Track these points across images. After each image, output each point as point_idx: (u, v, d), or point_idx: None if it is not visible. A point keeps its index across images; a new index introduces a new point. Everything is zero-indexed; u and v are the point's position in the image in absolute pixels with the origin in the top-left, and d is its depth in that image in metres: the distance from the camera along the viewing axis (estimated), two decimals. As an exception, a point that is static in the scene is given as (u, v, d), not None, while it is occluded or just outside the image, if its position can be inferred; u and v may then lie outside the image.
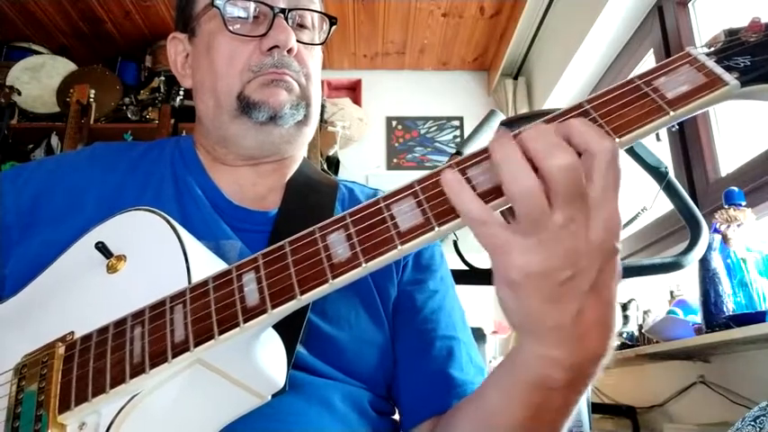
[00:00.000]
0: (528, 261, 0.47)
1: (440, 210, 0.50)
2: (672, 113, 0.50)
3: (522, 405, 0.56)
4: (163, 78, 3.24)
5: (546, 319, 0.49)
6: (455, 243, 1.42)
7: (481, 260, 1.29)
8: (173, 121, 2.99)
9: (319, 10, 0.87)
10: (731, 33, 0.54)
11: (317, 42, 0.88)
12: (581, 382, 0.54)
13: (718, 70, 0.51)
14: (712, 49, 0.54)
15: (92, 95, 2.98)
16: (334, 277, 0.50)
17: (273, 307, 0.51)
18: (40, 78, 3.18)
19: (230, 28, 0.80)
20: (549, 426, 0.58)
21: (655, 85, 0.52)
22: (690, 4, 2.23)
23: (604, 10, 2.45)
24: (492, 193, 0.49)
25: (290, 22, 0.81)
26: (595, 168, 0.47)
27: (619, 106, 0.51)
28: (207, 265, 0.61)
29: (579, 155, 0.48)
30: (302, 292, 0.51)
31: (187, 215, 0.78)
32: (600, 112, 0.51)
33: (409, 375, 0.79)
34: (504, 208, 0.50)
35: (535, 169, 0.47)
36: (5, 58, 3.32)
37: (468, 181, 0.50)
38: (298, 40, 0.82)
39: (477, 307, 1.95)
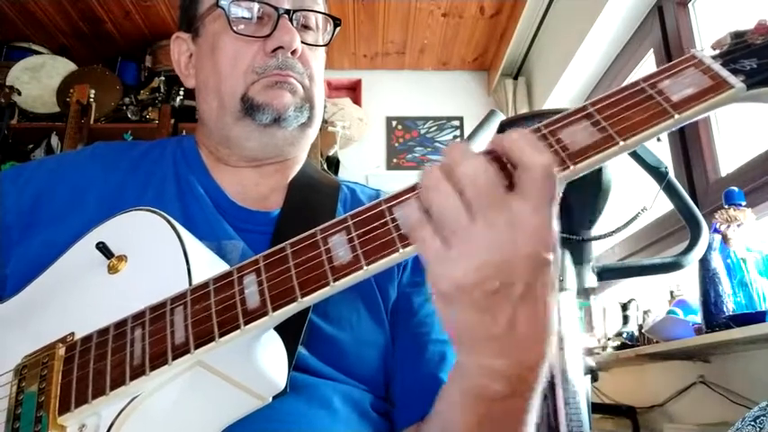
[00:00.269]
0: (454, 271, 0.47)
1: None
2: (677, 116, 0.50)
3: (468, 415, 0.56)
4: (163, 78, 3.23)
5: (477, 329, 0.50)
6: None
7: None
8: (173, 121, 2.99)
9: (323, 11, 0.87)
10: (737, 36, 0.54)
11: (322, 44, 0.87)
12: (523, 391, 0.53)
13: (724, 73, 0.51)
14: (718, 51, 0.54)
15: (92, 95, 2.98)
16: (335, 280, 0.50)
17: (274, 309, 0.51)
18: (40, 78, 3.18)
19: (235, 28, 0.80)
20: None
21: (659, 87, 0.51)
22: (690, 4, 2.22)
23: (604, 10, 2.45)
24: None
25: (294, 23, 0.81)
26: (529, 181, 0.47)
27: (623, 109, 0.51)
28: (208, 266, 0.61)
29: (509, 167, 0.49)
30: (303, 295, 0.51)
31: (189, 215, 0.78)
32: (604, 115, 0.51)
33: (402, 377, 0.79)
34: None
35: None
36: (5, 58, 3.32)
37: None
38: (302, 42, 0.81)
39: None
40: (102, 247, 0.63)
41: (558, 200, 0.48)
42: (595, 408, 2.06)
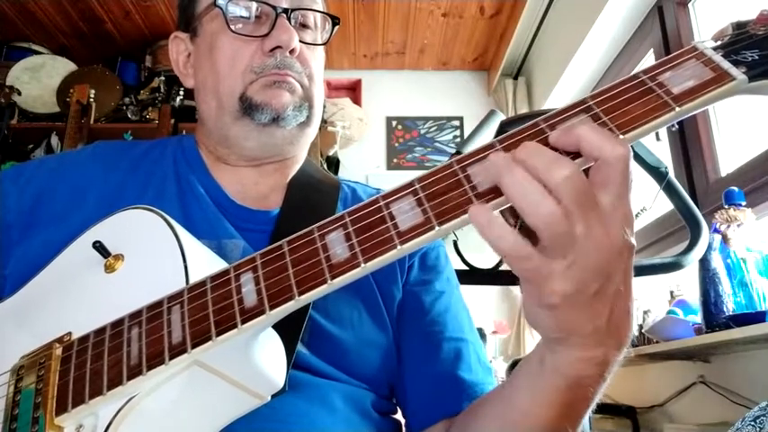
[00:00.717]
0: (563, 283, 0.47)
1: (441, 209, 0.49)
2: (678, 109, 0.49)
3: (553, 407, 0.57)
4: (163, 78, 3.23)
5: (584, 328, 0.50)
6: (455, 243, 1.42)
7: (481, 260, 1.29)
8: (173, 121, 2.99)
9: (322, 10, 0.87)
10: (739, 26, 0.53)
11: (320, 42, 0.87)
12: (608, 373, 0.55)
13: (726, 65, 0.50)
14: (719, 42, 0.53)
15: (92, 95, 2.98)
16: (332, 277, 0.50)
17: (271, 308, 0.51)
18: (40, 78, 3.18)
19: (232, 28, 0.80)
20: (578, 419, 0.59)
21: (660, 80, 0.51)
22: (690, 4, 2.22)
23: (604, 10, 2.44)
24: (492, 192, 0.48)
25: (292, 22, 0.81)
26: (611, 176, 0.47)
27: (623, 102, 0.50)
28: (205, 264, 0.60)
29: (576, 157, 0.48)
30: (300, 293, 0.50)
31: (189, 214, 0.78)
32: (603, 108, 0.50)
33: (417, 377, 0.79)
34: (505, 208, 0.49)
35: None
36: (5, 58, 3.31)
37: (469, 179, 0.49)
38: (300, 41, 0.81)
39: (477, 307, 1.94)
40: (99, 246, 0.62)
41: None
42: (595, 408, 2.05)
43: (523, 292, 0.51)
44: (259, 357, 0.56)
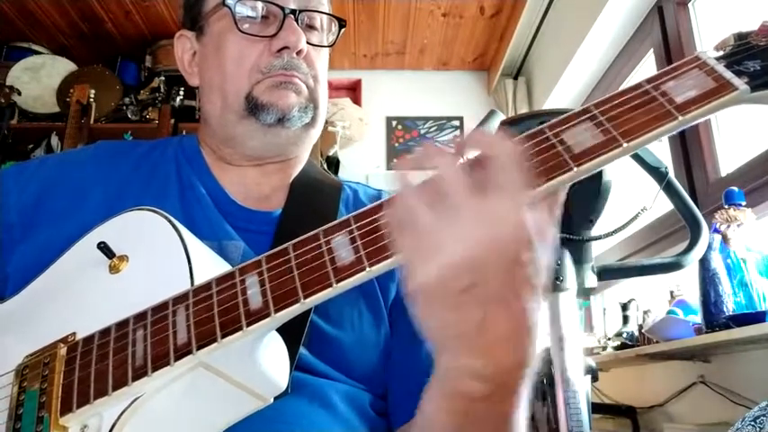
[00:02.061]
0: (422, 271, 0.46)
1: None
2: (680, 118, 0.49)
3: (446, 413, 0.55)
4: (163, 78, 3.23)
5: (448, 327, 0.49)
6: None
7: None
8: (173, 121, 2.98)
9: (329, 12, 0.87)
10: (741, 37, 0.54)
11: (326, 44, 0.87)
12: (505, 392, 0.52)
13: (728, 75, 0.50)
14: (722, 52, 0.53)
15: (92, 95, 2.98)
16: (337, 281, 0.50)
17: (277, 310, 0.51)
18: (40, 78, 3.18)
19: (240, 27, 0.80)
20: None
21: (663, 89, 0.51)
22: (690, 4, 2.23)
23: (604, 10, 2.44)
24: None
25: (299, 23, 0.81)
26: (497, 171, 0.47)
27: (627, 110, 0.50)
28: (210, 266, 0.61)
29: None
30: (306, 296, 0.51)
31: (190, 215, 0.78)
32: (607, 116, 0.51)
33: (397, 376, 0.79)
34: None
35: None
36: (5, 58, 3.31)
37: None
38: (307, 42, 0.81)
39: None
40: (104, 247, 0.63)
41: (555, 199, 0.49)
42: (595, 408, 2.06)
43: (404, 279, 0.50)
44: (263, 359, 0.56)
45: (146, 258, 0.63)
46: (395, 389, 0.78)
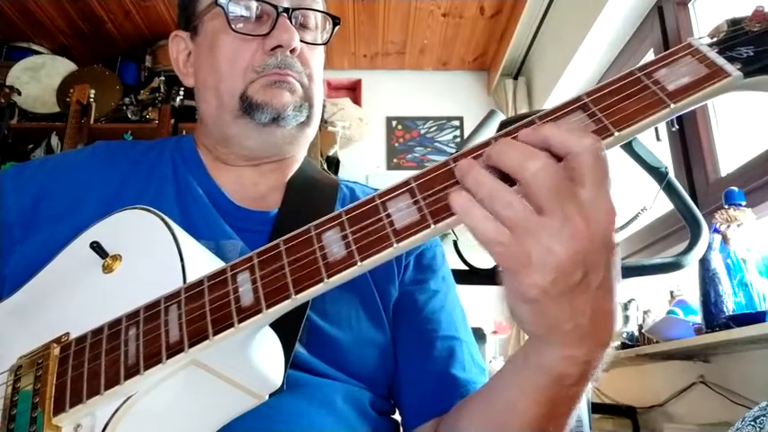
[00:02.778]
0: (543, 276, 0.46)
1: (436, 207, 0.49)
2: (672, 106, 0.49)
3: (537, 403, 0.56)
4: (163, 78, 3.23)
5: (565, 324, 0.49)
6: (455, 243, 1.42)
7: (481, 260, 1.29)
8: (173, 121, 2.99)
9: (322, 10, 0.87)
10: (734, 23, 0.53)
11: (320, 42, 0.87)
12: (592, 373, 0.54)
13: (721, 61, 0.50)
14: (714, 39, 0.53)
15: (92, 95, 2.98)
16: (329, 276, 0.50)
17: (268, 306, 0.51)
18: (40, 78, 3.18)
19: (233, 27, 0.80)
20: (562, 419, 0.58)
21: (655, 77, 0.51)
22: (690, 4, 2.22)
23: (604, 10, 2.44)
24: None
25: (293, 21, 0.81)
26: (581, 167, 0.47)
27: (618, 99, 0.50)
28: (203, 264, 0.60)
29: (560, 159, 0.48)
30: (297, 292, 0.50)
31: (188, 215, 0.78)
32: (599, 106, 0.50)
33: (411, 376, 0.79)
34: None
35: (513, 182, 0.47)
36: (5, 58, 3.32)
37: None
38: (301, 40, 0.81)
39: (477, 307, 1.94)
40: (97, 247, 0.62)
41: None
42: (595, 408, 2.06)
43: (505, 285, 0.50)
44: (256, 356, 0.56)
45: (139, 257, 0.62)
46: (410, 388, 0.79)
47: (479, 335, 2.15)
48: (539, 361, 0.55)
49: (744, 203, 1.57)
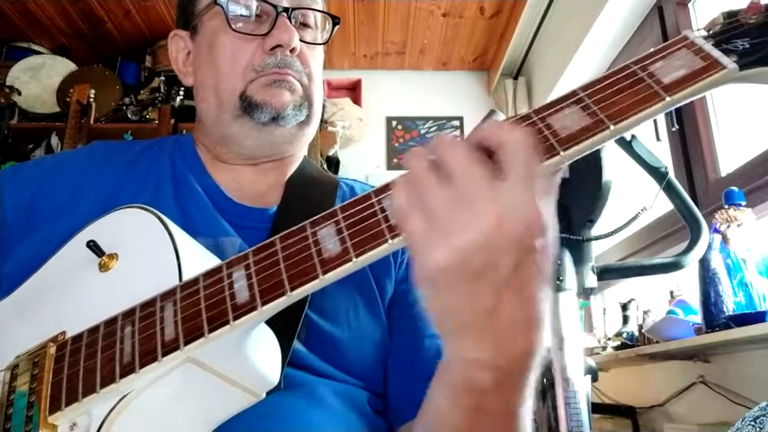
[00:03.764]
0: (436, 253, 0.46)
1: None
2: (668, 99, 0.49)
3: (457, 408, 0.55)
4: (163, 78, 3.24)
5: (459, 313, 0.49)
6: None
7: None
8: (173, 121, 2.99)
9: (322, 9, 0.87)
10: (730, 15, 0.53)
11: (320, 42, 0.87)
12: (513, 383, 0.52)
13: (716, 53, 0.50)
14: (710, 31, 0.53)
15: (92, 95, 2.98)
16: (324, 272, 0.50)
17: (263, 303, 0.51)
18: (40, 78, 3.18)
19: (233, 26, 0.80)
20: (492, 429, 0.55)
21: (650, 70, 0.51)
22: (690, 4, 2.22)
23: (604, 10, 2.44)
24: None
25: (292, 21, 0.81)
26: (505, 159, 0.47)
27: (613, 92, 0.50)
28: (199, 262, 0.60)
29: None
30: (292, 288, 0.50)
31: (186, 213, 0.78)
32: (594, 99, 0.50)
33: (397, 374, 0.78)
34: None
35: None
36: (5, 58, 3.32)
37: None
38: (300, 40, 0.81)
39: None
40: (93, 246, 0.62)
41: (554, 185, 0.49)
42: (595, 408, 2.06)
43: (413, 265, 0.49)
44: (253, 354, 0.56)
45: (135, 256, 0.62)
46: (396, 387, 0.78)
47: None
48: (447, 362, 0.54)
49: (744, 203, 1.57)
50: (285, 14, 0.80)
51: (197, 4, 0.86)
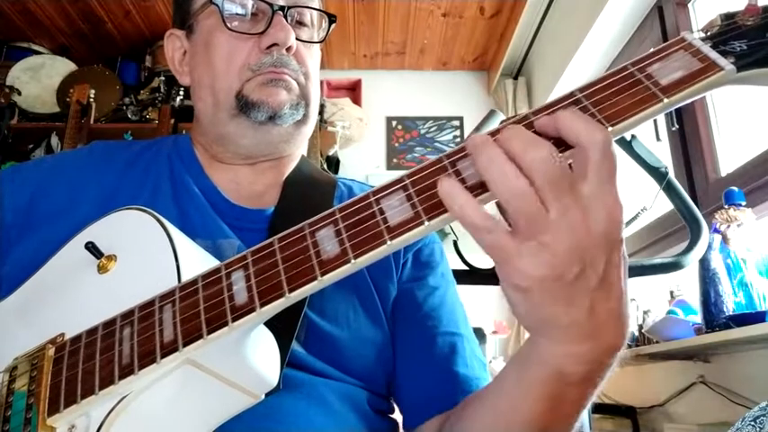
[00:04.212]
0: (533, 265, 0.46)
1: (430, 203, 0.49)
2: (666, 100, 0.49)
3: (540, 400, 0.56)
4: (163, 78, 3.24)
5: (560, 319, 0.49)
6: (455, 243, 1.42)
7: (481, 260, 1.28)
8: (173, 121, 3.00)
9: (318, 7, 0.87)
10: (727, 17, 0.53)
11: (317, 40, 0.87)
12: (598, 374, 0.53)
13: (714, 55, 0.50)
14: (708, 33, 0.53)
15: (92, 95, 2.99)
16: (322, 274, 0.50)
17: (262, 305, 0.50)
18: (40, 78, 3.19)
19: (229, 25, 0.79)
20: (565, 419, 0.58)
21: (648, 71, 0.51)
22: (690, 4, 2.22)
23: (604, 10, 2.44)
24: (481, 187, 0.48)
25: (289, 19, 0.81)
26: (588, 161, 0.46)
27: (611, 94, 0.50)
28: (198, 263, 0.60)
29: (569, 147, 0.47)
30: (291, 290, 0.50)
31: (185, 214, 0.77)
32: (592, 101, 0.50)
33: (412, 373, 0.78)
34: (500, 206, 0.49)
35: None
36: (5, 58, 3.32)
37: (458, 174, 0.49)
38: (297, 38, 0.81)
39: (477, 307, 1.94)
40: (92, 247, 0.62)
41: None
42: (595, 408, 2.06)
43: (499, 274, 0.49)
44: (252, 355, 0.56)
45: (134, 257, 0.62)
46: (410, 386, 0.78)
47: (479, 335, 2.14)
48: (539, 356, 0.54)
49: (744, 203, 1.57)
50: (281, 13, 0.80)
51: (193, 3, 0.86)
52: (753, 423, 0.99)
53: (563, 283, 0.46)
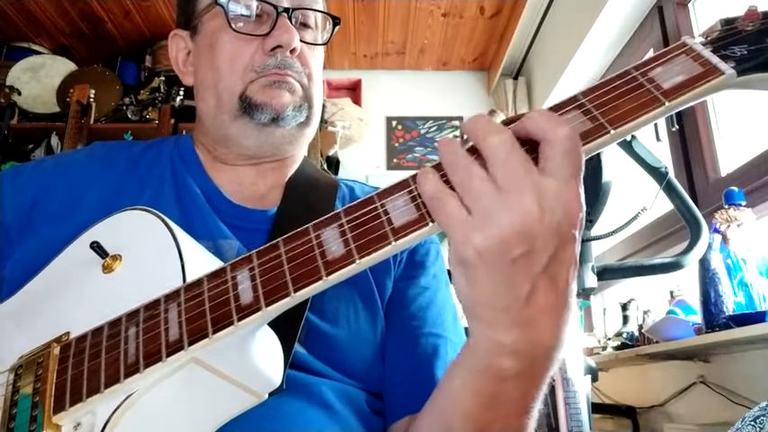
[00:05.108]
0: (477, 237, 0.47)
1: None
2: (667, 104, 0.50)
3: (474, 393, 0.56)
4: (163, 78, 3.24)
5: (497, 300, 0.49)
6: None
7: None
8: (173, 121, 2.99)
9: (323, 10, 0.87)
10: (728, 23, 0.55)
11: (321, 42, 0.87)
12: (534, 374, 0.53)
13: (715, 60, 0.51)
14: (709, 38, 0.54)
15: (92, 95, 2.99)
16: (327, 274, 0.50)
17: (267, 305, 0.51)
18: (39, 78, 3.18)
19: (233, 26, 0.80)
20: (504, 419, 0.56)
21: (650, 75, 0.52)
22: (690, 4, 2.23)
23: (604, 10, 2.44)
24: None
25: (293, 21, 0.81)
26: (551, 154, 0.48)
27: (614, 97, 0.51)
28: (202, 264, 0.60)
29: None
30: (296, 290, 0.51)
31: (186, 215, 0.77)
32: (595, 104, 0.51)
33: (393, 372, 0.78)
34: None
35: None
36: (5, 58, 3.32)
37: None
38: (301, 40, 0.81)
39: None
40: (97, 247, 0.62)
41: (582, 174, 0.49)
42: (595, 408, 2.06)
43: (449, 251, 0.50)
44: (256, 355, 0.56)
45: (138, 257, 0.62)
46: (390, 384, 0.78)
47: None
48: (471, 344, 0.55)
49: (744, 203, 1.57)
50: (285, 15, 0.80)
51: (197, 3, 0.86)
52: (753, 423, 0.99)
53: (506, 259, 0.47)
